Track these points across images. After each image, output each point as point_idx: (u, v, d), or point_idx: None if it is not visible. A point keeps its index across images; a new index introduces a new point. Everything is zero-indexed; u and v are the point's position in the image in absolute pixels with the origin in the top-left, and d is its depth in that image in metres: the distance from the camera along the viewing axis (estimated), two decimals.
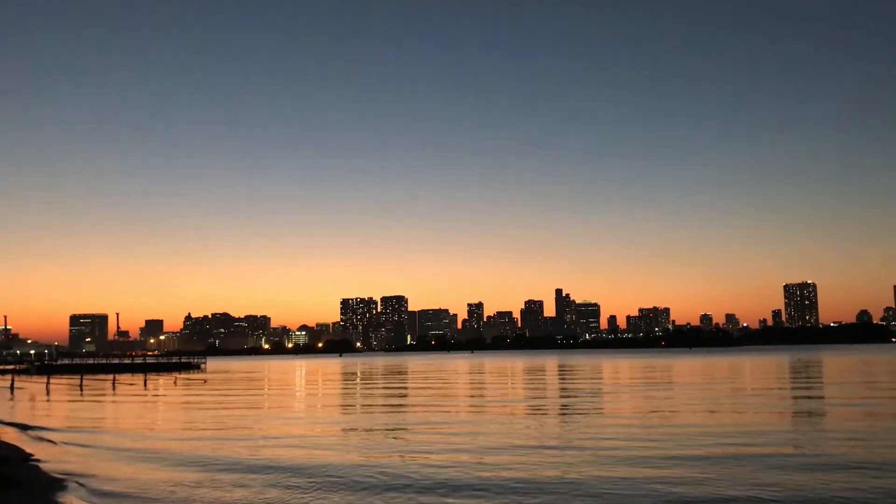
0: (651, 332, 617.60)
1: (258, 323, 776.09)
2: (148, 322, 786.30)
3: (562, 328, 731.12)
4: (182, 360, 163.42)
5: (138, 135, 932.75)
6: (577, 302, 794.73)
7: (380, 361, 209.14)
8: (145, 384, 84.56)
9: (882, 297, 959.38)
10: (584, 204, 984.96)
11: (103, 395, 65.57)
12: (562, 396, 52.80)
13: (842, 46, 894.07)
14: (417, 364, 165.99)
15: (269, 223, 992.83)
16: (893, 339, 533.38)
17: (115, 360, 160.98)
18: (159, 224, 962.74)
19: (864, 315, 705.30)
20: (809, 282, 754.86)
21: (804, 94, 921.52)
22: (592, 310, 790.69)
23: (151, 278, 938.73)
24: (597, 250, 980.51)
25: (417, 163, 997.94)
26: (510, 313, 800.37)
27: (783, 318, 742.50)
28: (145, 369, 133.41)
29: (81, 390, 73.06)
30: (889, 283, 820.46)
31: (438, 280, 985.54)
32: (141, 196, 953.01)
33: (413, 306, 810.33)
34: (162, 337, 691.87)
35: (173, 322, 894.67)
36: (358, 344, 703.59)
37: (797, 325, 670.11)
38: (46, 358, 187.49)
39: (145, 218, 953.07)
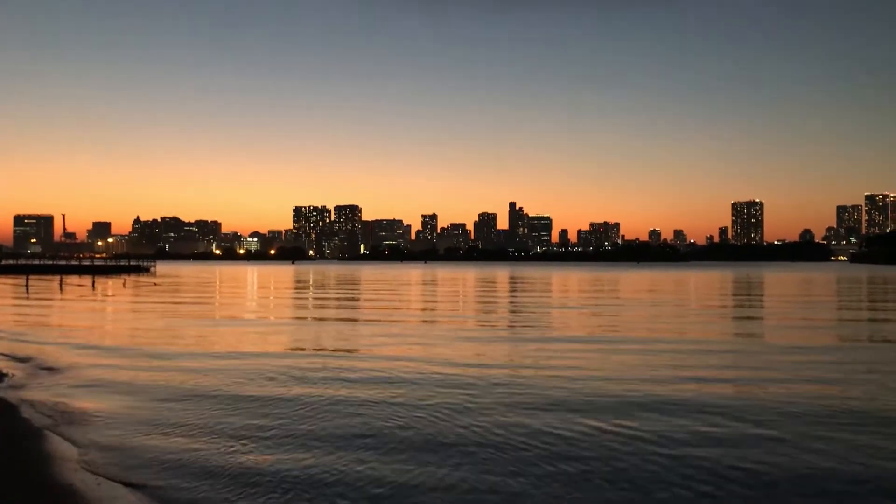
0: (601, 247, 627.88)
1: (209, 228, 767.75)
2: (95, 224, 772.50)
3: (514, 241, 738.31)
4: (131, 264, 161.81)
5: (86, 33, 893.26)
6: (529, 215, 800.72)
7: (333, 270, 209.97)
8: (93, 286, 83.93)
9: (825, 217, 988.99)
10: (539, 118, 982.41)
11: (50, 295, 64.97)
12: (509, 307, 54.03)
13: None
14: (371, 272, 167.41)
15: (221, 126, 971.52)
16: (833, 258, 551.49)
17: (62, 262, 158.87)
18: (108, 123, 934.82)
19: (806, 234, 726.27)
20: (757, 200, 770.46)
21: (755, 14, 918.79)
22: (545, 223, 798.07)
23: (99, 179, 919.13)
24: (550, 165, 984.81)
25: (375, 72, 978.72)
26: (464, 225, 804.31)
27: (729, 236, 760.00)
28: (93, 271, 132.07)
29: (27, 291, 72.28)
30: (832, 203, 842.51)
31: (393, 190, 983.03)
32: (89, 94, 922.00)
33: (367, 216, 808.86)
34: (110, 240, 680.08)
35: (122, 225, 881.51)
36: (311, 252, 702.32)
37: (743, 242, 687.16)
38: None
39: (93, 116, 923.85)
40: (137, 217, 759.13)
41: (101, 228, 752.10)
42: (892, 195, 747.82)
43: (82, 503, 10.10)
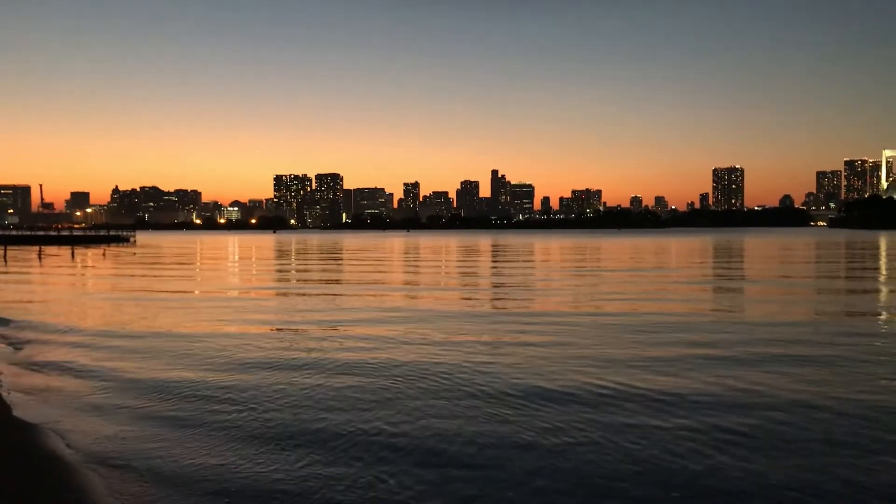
0: (583, 214, 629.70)
1: (189, 197, 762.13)
2: (74, 194, 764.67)
3: (497, 209, 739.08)
4: (111, 234, 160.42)
5: (62, 4, 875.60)
6: (512, 183, 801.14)
7: (315, 239, 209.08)
8: (73, 256, 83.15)
9: (804, 183, 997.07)
10: (522, 87, 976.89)
11: (29, 267, 64.26)
12: (492, 276, 54.04)
13: None
14: (353, 242, 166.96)
15: (201, 95, 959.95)
16: (812, 223, 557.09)
17: (41, 233, 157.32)
18: (85, 92, 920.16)
19: (786, 200, 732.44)
20: (737, 166, 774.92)
21: None
22: (527, 191, 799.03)
23: (77, 148, 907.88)
24: (532, 132, 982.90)
25: (355, 41, 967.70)
26: (446, 193, 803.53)
27: (710, 202, 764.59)
28: (72, 242, 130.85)
29: (6, 261, 71.52)
30: (812, 169, 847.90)
31: (375, 158, 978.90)
32: (66, 64, 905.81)
33: (349, 184, 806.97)
34: (89, 210, 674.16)
35: (100, 195, 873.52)
36: (292, 221, 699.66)
37: (723, 208, 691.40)
38: None
39: (70, 86, 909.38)
40: (116, 187, 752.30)
41: (80, 198, 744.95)
42: (870, 161, 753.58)
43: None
